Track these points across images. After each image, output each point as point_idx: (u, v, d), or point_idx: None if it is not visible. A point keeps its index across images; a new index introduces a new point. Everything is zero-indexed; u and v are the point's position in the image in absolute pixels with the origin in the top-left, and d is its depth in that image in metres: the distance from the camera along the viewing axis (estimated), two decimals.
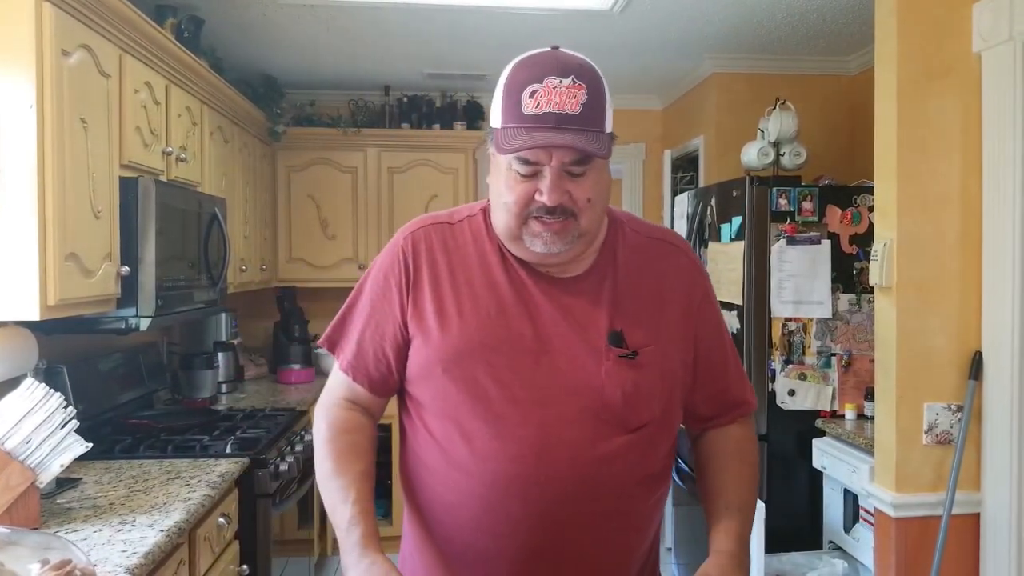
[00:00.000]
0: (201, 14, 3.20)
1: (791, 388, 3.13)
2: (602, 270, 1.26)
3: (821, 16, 3.40)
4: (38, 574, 0.81)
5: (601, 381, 1.19)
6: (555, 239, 1.16)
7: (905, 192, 2.37)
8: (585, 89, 1.13)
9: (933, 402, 2.39)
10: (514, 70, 1.18)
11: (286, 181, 4.47)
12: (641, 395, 1.21)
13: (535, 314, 1.22)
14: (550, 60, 1.15)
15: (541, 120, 1.11)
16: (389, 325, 1.26)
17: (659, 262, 1.30)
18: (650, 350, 1.22)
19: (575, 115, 1.12)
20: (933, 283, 2.38)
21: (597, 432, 1.18)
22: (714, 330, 1.33)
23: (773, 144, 3.39)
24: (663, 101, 4.91)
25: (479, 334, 1.20)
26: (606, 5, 3.21)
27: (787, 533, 3.08)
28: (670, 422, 1.27)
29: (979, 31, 2.34)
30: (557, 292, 1.23)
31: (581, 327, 1.21)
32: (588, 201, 1.16)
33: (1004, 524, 2.29)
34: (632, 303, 1.24)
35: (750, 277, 3.15)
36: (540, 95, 1.12)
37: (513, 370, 1.19)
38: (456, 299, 1.23)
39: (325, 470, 1.25)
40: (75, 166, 2.05)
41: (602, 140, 1.14)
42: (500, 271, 1.24)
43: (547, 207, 1.14)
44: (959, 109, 2.37)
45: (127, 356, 3.06)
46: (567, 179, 1.14)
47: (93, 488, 2.15)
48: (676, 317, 1.27)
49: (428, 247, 1.27)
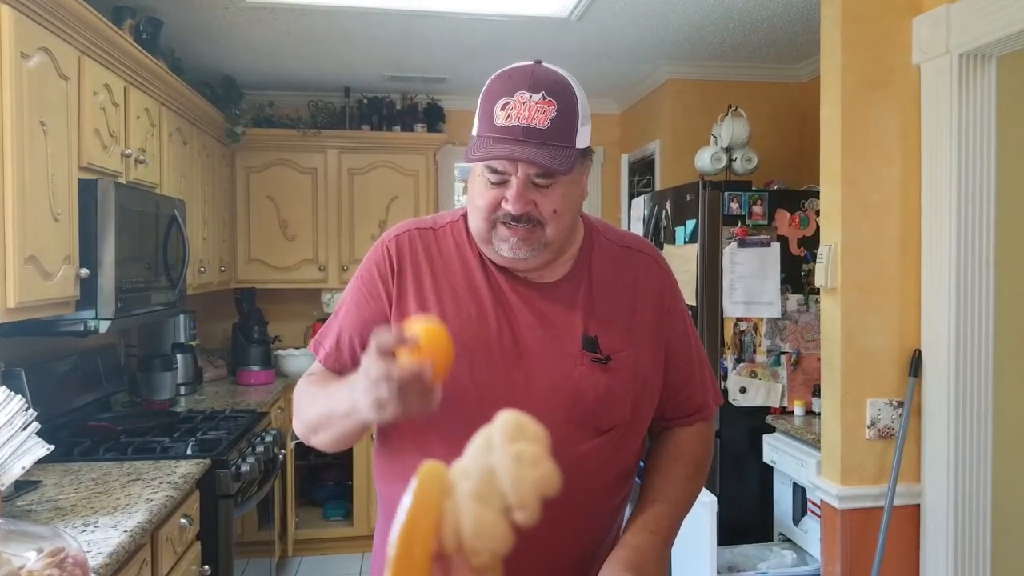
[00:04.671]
0: (160, 15, 3.19)
1: (742, 386, 3.23)
2: (578, 277, 1.30)
3: (771, 26, 3.50)
4: (34, 561, 0.83)
5: (575, 384, 1.23)
6: (521, 245, 1.20)
7: (848, 197, 2.47)
8: (555, 105, 1.16)
9: (875, 398, 2.49)
10: (492, 82, 1.21)
11: (245, 182, 4.45)
12: (613, 398, 1.25)
13: (513, 318, 1.26)
14: (525, 75, 1.18)
15: (509, 132, 1.15)
16: (378, 321, 1.28)
17: (632, 270, 1.35)
18: (623, 355, 1.26)
19: (543, 130, 1.15)
20: (875, 285, 2.48)
21: (570, 433, 1.21)
22: (683, 335, 1.38)
23: (725, 149, 3.49)
24: (620, 106, 4.99)
25: (459, 335, 1.22)
26: (564, 12, 3.28)
27: (739, 526, 3.18)
28: (640, 423, 1.32)
29: (919, 44, 2.45)
30: (534, 297, 1.27)
31: (557, 332, 1.26)
32: (554, 212, 1.20)
33: (942, 514, 2.40)
34: (606, 309, 1.29)
35: (703, 278, 3.25)
36: (511, 108, 1.16)
37: (491, 371, 1.23)
38: (438, 301, 1.27)
39: (314, 393, 1.27)
40: (35, 169, 2.05)
41: (567, 155, 1.16)
42: (480, 276, 1.28)
43: (512, 215, 1.19)
44: (899, 118, 2.48)
45: (85, 358, 3.04)
46: (533, 190, 1.18)
47: (53, 491, 2.15)
48: (648, 322, 1.32)
49: (412, 250, 1.31)
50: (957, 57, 2.32)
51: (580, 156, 1.20)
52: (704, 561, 2.68)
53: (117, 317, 2.44)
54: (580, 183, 1.26)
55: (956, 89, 2.33)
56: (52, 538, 0.91)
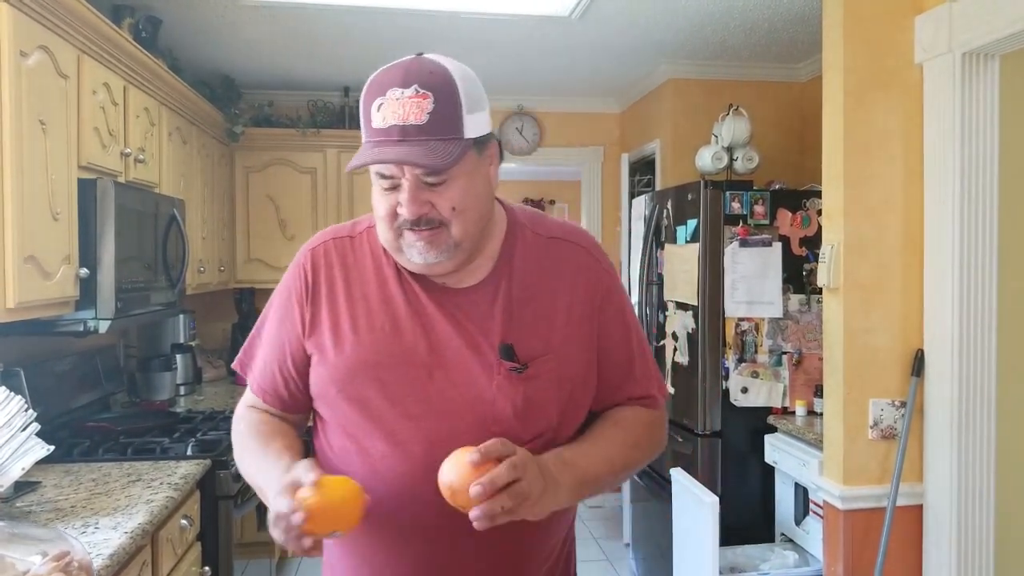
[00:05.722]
0: (159, 14, 3.18)
1: (744, 386, 3.22)
2: (498, 278, 1.23)
3: (772, 25, 3.50)
4: (39, 566, 0.82)
5: (492, 395, 1.17)
6: (429, 248, 1.14)
7: (851, 197, 2.47)
8: (431, 98, 1.08)
9: (878, 398, 2.49)
10: (368, 83, 1.14)
11: (244, 182, 4.44)
12: (533, 407, 1.19)
13: (430, 328, 1.20)
14: (397, 71, 1.11)
15: (386, 133, 1.09)
16: (294, 344, 1.26)
17: (559, 263, 1.26)
18: (544, 360, 1.20)
19: (421, 125, 1.08)
20: (877, 284, 2.48)
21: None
22: (618, 328, 1.29)
23: (727, 149, 3.48)
24: (621, 105, 4.98)
25: (372, 351, 1.19)
26: (565, 11, 3.27)
27: (741, 526, 3.17)
28: (568, 428, 1.25)
29: (921, 43, 2.44)
30: (451, 304, 1.21)
31: (474, 340, 1.19)
32: (453, 210, 1.13)
33: (945, 514, 2.40)
34: (527, 311, 1.22)
35: (704, 278, 3.24)
36: (385, 108, 1.09)
37: (406, 386, 1.18)
38: (351, 315, 1.22)
39: (250, 448, 1.24)
40: (34, 168, 2.04)
41: (452, 148, 1.09)
42: (395, 284, 1.22)
43: (409, 219, 1.12)
44: (901, 118, 2.47)
45: (84, 358, 3.02)
46: (426, 190, 1.12)
47: (53, 491, 2.14)
48: (576, 319, 1.24)
49: (327, 262, 1.26)
50: (959, 56, 2.31)
51: (474, 146, 1.13)
52: (706, 561, 2.67)
53: (116, 317, 2.43)
54: (483, 174, 1.17)
55: (959, 88, 2.33)
56: (56, 541, 0.90)
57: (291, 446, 1.23)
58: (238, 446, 1.29)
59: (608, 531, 4.77)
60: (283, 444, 1.22)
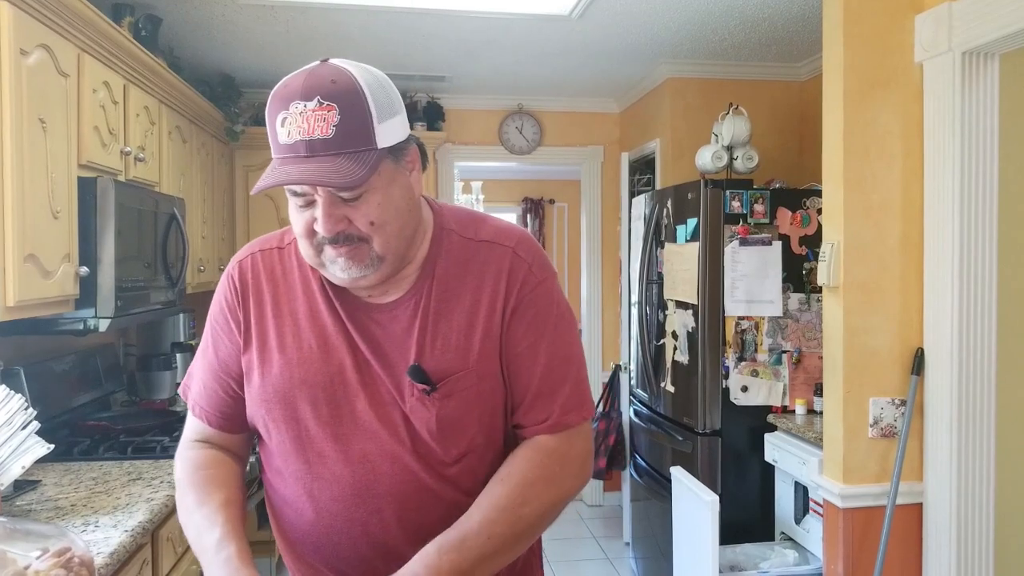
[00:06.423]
0: (159, 12, 3.18)
1: (744, 384, 3.23)
2: (419, 291, 1.17)
3: (772, 25, 3.50)
4: (40, 561, 0.82)
5: (407, 419, 1.14)
6: (351, 264, 1.08)
7: (851, 196, 2.47)
8: (336, 109, 1.01)
9: (878, 397, 2.49)
10: (271, 95, 1.06)
11: (244, 181, 4.44)
12: (448, 429, 1.14)
13: (354, 347, 1.16)
14: (298, 82, 1.03)
15: (293, 149, 1.03)
16: (233, 358, 1.22)
17: (483, 268, 1.18)
18: (458, 378, 1.14)
19: (328, 139, 1.01)
20: (877, 283, 2.48)
21: (416, 467, 1.14)
22: (526, 335, 1.17)
23: (727, 148, 3.48)
24: (620, 105, 4.98)
25: (299, 372, 1.16)
26: (565, 10, 3.27)
27: (741, 525, 3.18)
28: (496, 441, 1.20)
29: (921, 42, 2.45)
30: (372, 322, 1.16)
31: (390, 360, 1.15)
32: (371, 224, 1.06)
33: (945, 513, 2.40)
34: (444, 324, 1.15)
35: (704, 277, 3.24)
36: (289, 122, 1.02)
37: (333, 407, 1.15)
38: (278, 333, 1.18)
39: (186, 505, 1.18)
40: (34, 166, 2.04)
41: (364, 160, 1.02)
42: (322, 299, 1.18)
43: (327, 237, 1.07)
44: (902, 117, 2.47)
45: (84, 357, 3.02)
46: (342, 205, 1.06)
47: (53, 490, 2.14)
48: (492, 327, 1.16)
49: (255, 276, 1.22)
50: (960, 55, 2.31)
51: (389, 154, 1.07)
52: (706, 560, 2.67)
53: (116, 316, 2.43)
54: (402, 183, 1.10)
55: (959, 87, 2.33)
56: (57, 537, 0.89)
57: (229, 500, 1.18)
58: (178, 494, 1.23)
59: (608, 530, 4.78)
60: (220, 500, 1.17)
